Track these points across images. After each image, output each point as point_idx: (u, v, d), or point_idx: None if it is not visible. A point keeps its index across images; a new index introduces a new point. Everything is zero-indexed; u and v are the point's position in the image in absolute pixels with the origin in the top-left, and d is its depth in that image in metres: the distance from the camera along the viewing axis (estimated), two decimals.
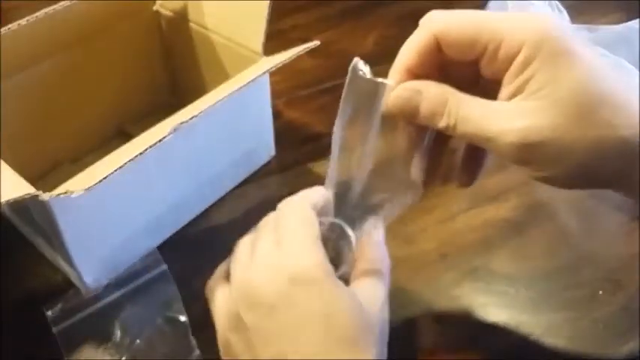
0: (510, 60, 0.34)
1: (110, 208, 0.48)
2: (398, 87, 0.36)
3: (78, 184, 0.41)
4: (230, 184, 0.59)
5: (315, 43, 0.51)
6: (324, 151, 0.62)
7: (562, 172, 0.34)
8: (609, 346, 0.46)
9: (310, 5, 0.82)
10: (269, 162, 0.62)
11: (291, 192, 0.59)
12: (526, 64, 0.33)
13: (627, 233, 0.54)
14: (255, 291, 0.35)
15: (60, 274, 0.52)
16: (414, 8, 0.84)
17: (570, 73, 0.33)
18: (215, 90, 0.49)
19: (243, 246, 0.38)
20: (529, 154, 0.34)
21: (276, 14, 0.82)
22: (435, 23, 0.35)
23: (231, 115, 0.54)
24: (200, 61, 0.62)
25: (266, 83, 0.57)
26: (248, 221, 0.57)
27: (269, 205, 0.59)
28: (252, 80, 0.49)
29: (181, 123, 0.44)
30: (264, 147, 0.62)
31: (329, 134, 0.63)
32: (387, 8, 0.81)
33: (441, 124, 0.35)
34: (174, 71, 0.66)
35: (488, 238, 0.55)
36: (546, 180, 0.35)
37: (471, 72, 0.36)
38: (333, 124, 0.64)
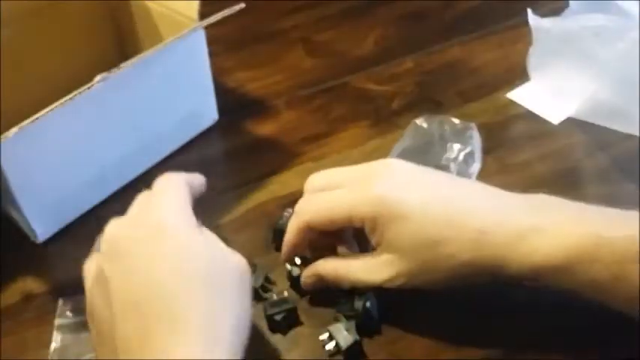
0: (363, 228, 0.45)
1: (52, 156, 0.51)
2: (304, 275, 0.48)
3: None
4: (172, 145, 0.62)
5: (241, 5, 0.54)
6: (323, 151, 0.62)
7: (433, 289, 0.45)
8: (609, 345, 0.46)
9: (310, 5, 0.82)
10: (269, 162, 0.62)
11: (292, 192, 0.59)
12: (372, 232, 0.45)
13: None
14: (116, 242, 0.39)
15: (59, 273, 0.53)
16: (414, 8, 0.84)
17: (406, 227, 0.43)
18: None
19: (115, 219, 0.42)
20: (399, 287, 0.45)
21: (276, 14, 0.82)
22: (304, 215, 0.47)
23: (165, 72, 0.57)
24: (142, 31, 0.66)
25: (202, 43, 0.59)
26: (243, 222, 0.58)
27: (268, 207, 0.59)
28: (181, 36, 0.53)
29: (108, 73, 0.49)
30: (206, 109, 0.64)
31: (328, 134, 0.63)
32: (387, 8, 0.81)
33: (343, 286, 0.47)
34: (123, 43, 0.69)
35: None
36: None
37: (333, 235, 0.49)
38: (332, 123, 0.64)
